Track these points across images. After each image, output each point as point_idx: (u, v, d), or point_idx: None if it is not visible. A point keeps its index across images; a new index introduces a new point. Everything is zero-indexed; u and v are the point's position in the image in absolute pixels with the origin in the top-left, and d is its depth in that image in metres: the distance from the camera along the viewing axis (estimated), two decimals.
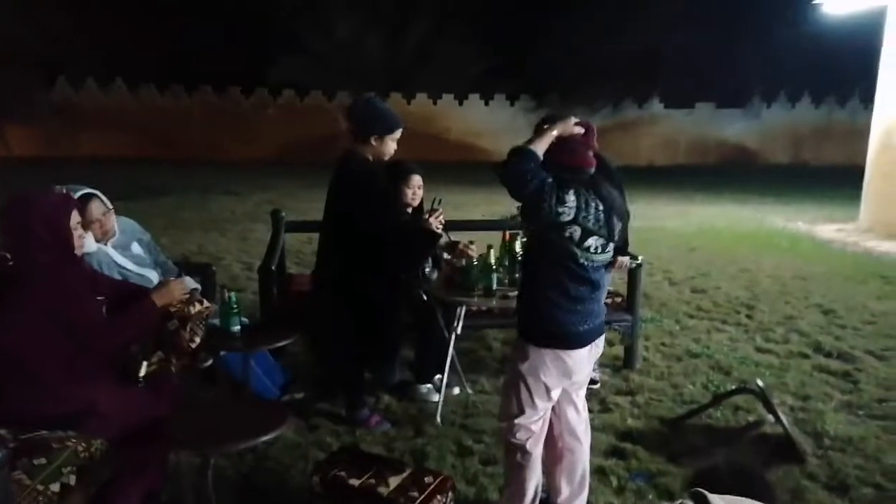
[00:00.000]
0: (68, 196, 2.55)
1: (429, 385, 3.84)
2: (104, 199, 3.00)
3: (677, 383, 4.08)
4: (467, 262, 3.45)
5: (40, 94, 18.83)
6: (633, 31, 18.73)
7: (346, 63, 20.94)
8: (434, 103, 20.89)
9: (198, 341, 2.69)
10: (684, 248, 8.35)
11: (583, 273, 2.28)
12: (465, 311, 3.64)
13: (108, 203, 3.02)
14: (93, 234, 2.93)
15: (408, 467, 2.63)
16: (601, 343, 2.48)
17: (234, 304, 2.94)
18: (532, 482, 2.53)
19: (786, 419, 3.30)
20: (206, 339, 2.75)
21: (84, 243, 2.55)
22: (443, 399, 3.61)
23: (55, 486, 2.03)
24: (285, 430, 2.30)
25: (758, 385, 3.51)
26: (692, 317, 5.47)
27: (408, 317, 3.75)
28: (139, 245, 3.24)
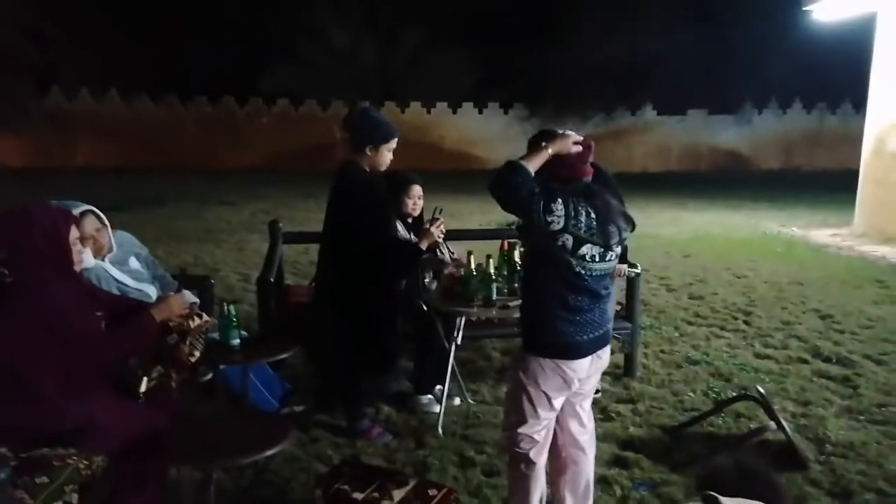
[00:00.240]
0: (68, 210, 2.53)
1: (429, 396, 3.82)
2: (100, 215, 2.97)
3: (678, 391, 4.08)
4: (466, 273, 3.45)
5: (33, 103, 18.77)
6: (625, 39, 18.85)
7: (341, 72, 21.01)
8: (428, 112, 20.96)
9: (197, 355, 2.68)
10: (680, 254, 8.38)
11: (580, 282, 2.28)
12: (464, 321, 3.64)
13: (104, 219, 2.99)
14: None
15: (411, 480, 2.61)
16: (606, 354, 2.47)
17: (234, 317, 2.92)
18: (536, 492, 2.52)
19: (787, 425, 3.30)
20: (205, 352, 2.73)
21: (83, 258, 2.53)
22: (443, 410, 3.60)
23: None
24: (288, 444, 2.28)
25: (759, 391, 3.51)
26: (691, 323, 5.48)
27: (408, 328, 3.74)
28: (137, 260, 3.21)
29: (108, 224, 3.01)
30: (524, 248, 2.93)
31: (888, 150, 9.47)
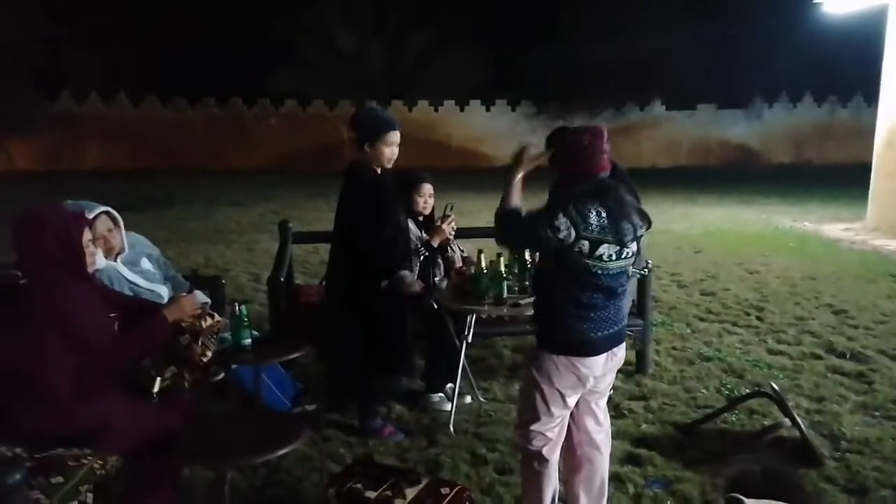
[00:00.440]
0: (80, 213, 2.55)
1: (440, 394, 3.82)
2: (115, 214, 2.98)
3: (690, 387, 4.06)
4: (477, 271, 3.44)
5: (43, 107, 18.91)
6: (633, 33, 18.74)
7: (348, 72, 21.03)
8: (435, 110, 20.92)
9: (209, 355, 2.69)
10: (691, 250, 8.33)
11: (596, 281, 2.27)
12: (475, 319, 3.63)
13: (119, 220, 3.00)
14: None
15: (423, 478, 2.61)
16: (621, 352, 2.45)
17: (246, 317, 2.93)
18: (549, 490, 2.51)
19: (802, 422, 3.28)
20: (217, 352, 2.74)
21: (96, 260, 2.54)
22: (455, 408, 3.59)
23: None
24: (301, 443, 2.29)
25: (772, 388, 3.48)
26: (702, 320, 5.45)
27: (419, 326, 3.74)
28: (148, 260, 3.22)
29: (121, 225, 3.03)
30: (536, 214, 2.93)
31: None
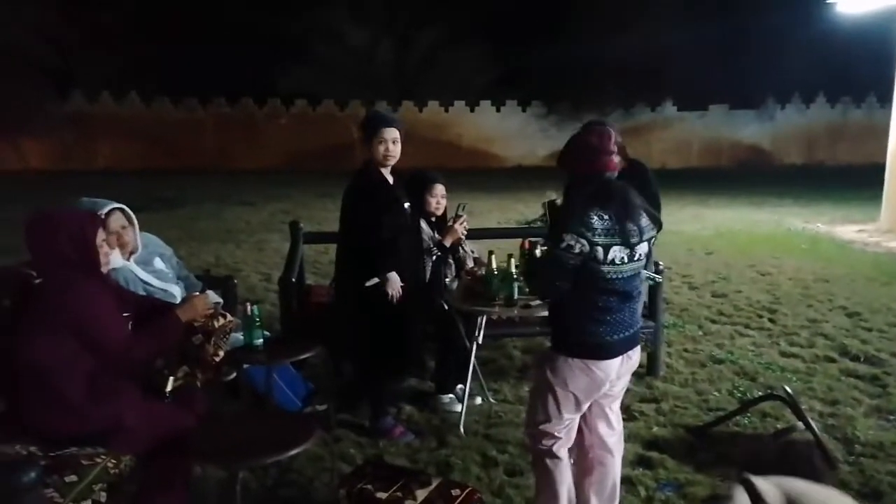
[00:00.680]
0: (94, 212, 2.56)
1: (451, 395, 3.81)
2: (129, 212, 3.00)
3: (702, 390, 4.03)
4: (488, 272, 3.44)
5: (55, 107, 19.08)
6: (644, 33, 18.68)
7: (358, 72, 21.08)
8: (446, 111, 20.93)
9: (222, 355, 2.70)
10: (702, 251, 8.28)
11: (611, 286, 2.27)
12: (485, 320, 3.63)
13: (133, 218, 3.02)
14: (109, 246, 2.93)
15: (434, 480, 2.60)
16: (636, 355, 2.44)
17: (258, 318, 2.94)
18: (564, 486, 2.48)
19: (815, 425, 3.25)
20: (229, 352, 2.75)
21: (110, 260, 2.56)
22: (465, 409, 3.59)
23: None
24: (313, 443, 2.29)
25: (785, 391, 3.45)
26: (714, 322, 5.41)
27: (429, 327, 3.74)
28: (161, 260, 3.24)
29: (135, 223, 3.04)
30: (546, 248, 2.92)
31: None
